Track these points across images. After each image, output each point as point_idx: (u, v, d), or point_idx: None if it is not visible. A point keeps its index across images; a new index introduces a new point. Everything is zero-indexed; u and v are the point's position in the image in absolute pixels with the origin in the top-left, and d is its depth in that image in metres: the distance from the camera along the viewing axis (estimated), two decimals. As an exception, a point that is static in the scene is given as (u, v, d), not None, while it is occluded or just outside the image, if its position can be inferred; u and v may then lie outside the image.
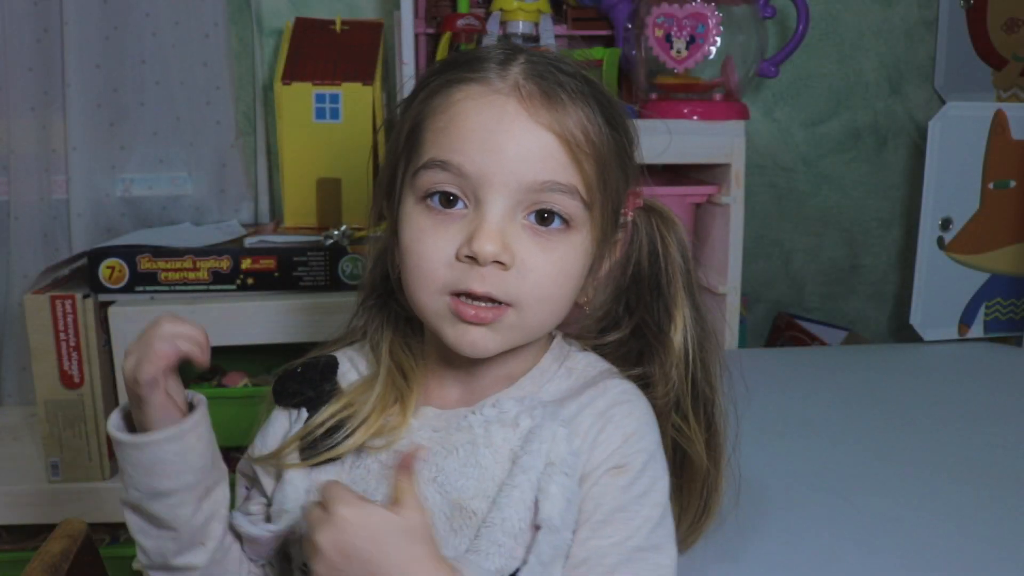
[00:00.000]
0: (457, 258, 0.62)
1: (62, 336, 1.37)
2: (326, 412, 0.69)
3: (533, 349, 0.70)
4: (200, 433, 0.70)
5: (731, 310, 1.42)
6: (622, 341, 0.73)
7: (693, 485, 0.73)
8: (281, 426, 0.73)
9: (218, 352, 1.46)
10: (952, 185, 1.45)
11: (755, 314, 1.91)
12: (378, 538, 0.56)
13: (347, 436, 0.67)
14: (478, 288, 0.61)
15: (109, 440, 1.42)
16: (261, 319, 1.36)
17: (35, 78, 1.64)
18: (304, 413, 0.71)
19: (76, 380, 1.39)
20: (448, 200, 0.63)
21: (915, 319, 1.47)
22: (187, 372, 1.52)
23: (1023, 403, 1.23)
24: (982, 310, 1.50)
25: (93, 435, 1.40)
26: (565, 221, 0.63)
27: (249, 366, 1.51)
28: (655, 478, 0.65)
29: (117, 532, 1.52)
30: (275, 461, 0.70)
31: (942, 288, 1.47)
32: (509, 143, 0.61)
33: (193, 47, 1.67)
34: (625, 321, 0.74)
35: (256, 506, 0.75)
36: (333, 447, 0.68)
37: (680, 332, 0.71)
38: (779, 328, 1.87)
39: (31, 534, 1.50)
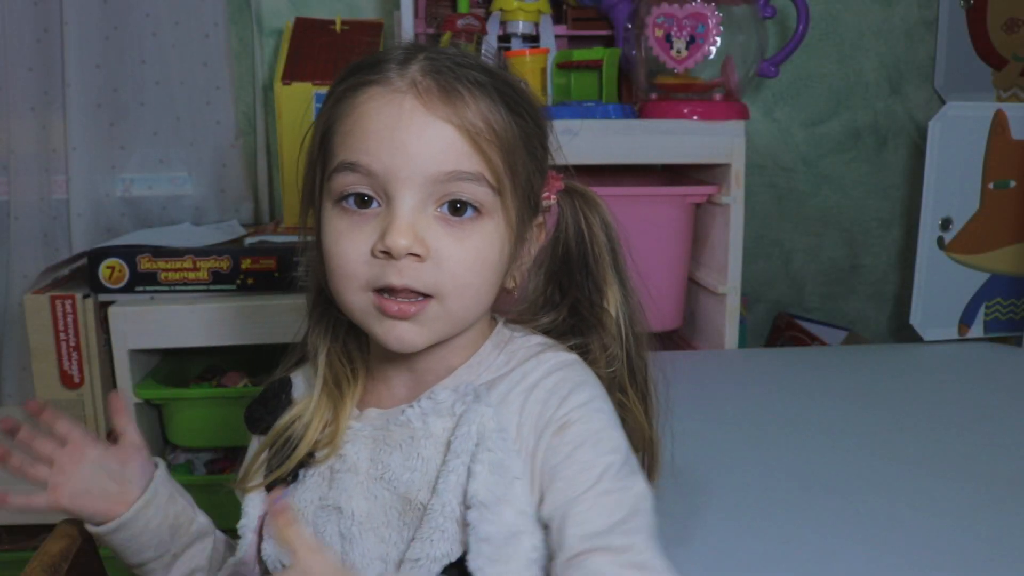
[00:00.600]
0: (373, 255, 0.64)
1: (62, 336, 1.37)
2: (276, 428, 0.72)
3: (470, 338, 0.71)
4: (149, 516, 0.75)
5: (731, 310, 1.42)
6: (559, 321, 0.75)
7: (634, 448, 0.73)
8: (253, 452, 0.76)
9: (218, 352, 1.47)
10: (952, 185, 1.45)
11: (755, 314, 1.91)
12: None
13: (291, 452, 0.70)
14: (396, 281, 0.63)
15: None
16: (261, 319, 1.36)
17: (35, 78, 1.65)
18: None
19: (76, 380, 1.39)
20: (363, 201, 0.65)
21: (915, 319, 1.47)
22: (187, 372, 1.53)
23: (1023, 403, 1.23)
24: (982, 310, 1.50)
25: (93, 435, 1.40)
26: (476, 209, 0.65)
27: (249, 366, 1.51)
28: (603, 426, 0.66)
29: (117, 532, 1.52)
30: (239, 488, 0.74)
31: (942, 288, 1.47)
32: (410, 139, 0.63)
33: (193, 47, 1.67)
34: (559, 302, 0.75)
35: None
36: (280, 465, 0.71)
37: (613, 307, 0.73)
38: (779, 328, 1.87)
39: (31, 534, 1.50)
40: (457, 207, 0.64)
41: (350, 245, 0.65)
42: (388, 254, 0.63)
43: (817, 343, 1.78)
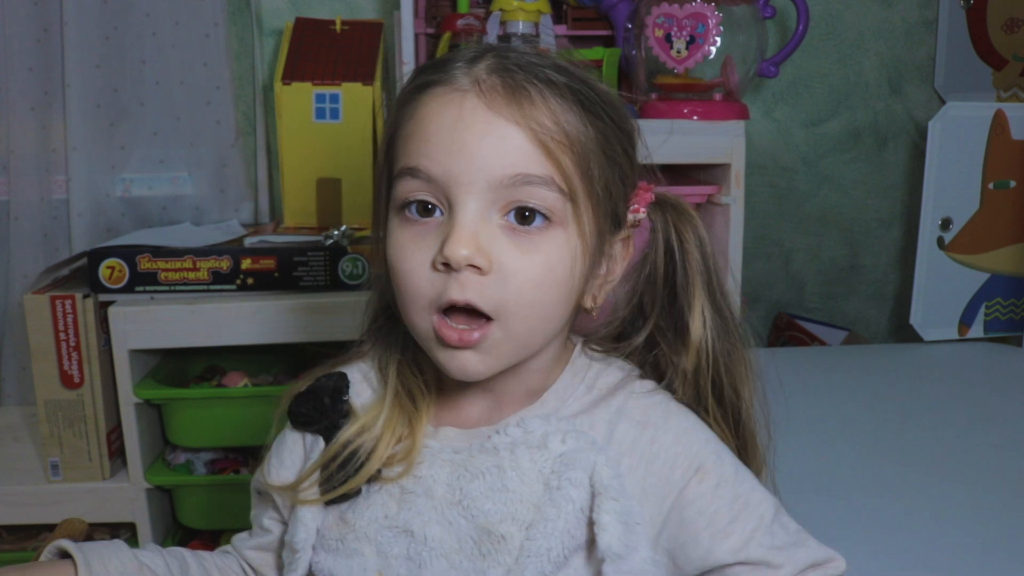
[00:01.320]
0: (434, 268, 0.60)
1: (62, 336, 1.37)
2: (340, 440, 0.67)
3: (549, 359, 0.68)
4: None
5: (731, 310, 1.42)
6: (639, 345, 0.70)
7: None
8: (297, 450, 0.71)
9: (218, 352, 1.47)
10: (952, 185, 1.45)
11: (755, 314, 1.91)
12: None
13: (358, 468, 0.65)
14: (457, 296, 0.59)
15: (109, 439, 1.43)
16: (261, 319, 1.36)
17: (35, 78, 1.64)
18: (320, 442, 0.69)
19: (76, 380, 1.38)
20: (426, 209, 0.61)
21: (915, 319, 1.47)
22: (187, 372, 1.53)
23: (1023, 403, 1.23)
24: (982, 310, 1.50)
25: (93, 435, 1.40)
26: (546, 218, 0.60)
27: (249, 366, 1.51)
28: (734, 462, 0.66)
29: (117, 532, 1.52)
30: (291, 495, 0.68)
31: (942, 288, 1.47)
32: (471, 140, 0.59)
33: (193, 47, 1.67)
34: (641, 326, 0.70)
35: (269, 521, 0.73)
36: (345, 481, 0.65)
37: (697, 331, 0.67)
38: (779, 328, 1.87)
39: (31, 534, 1.50)
40: (525, 215, 0.60)
41: (412, 259, 0.61)
42: (448, 266, 0.59)
43: (817, 343, 1.78)
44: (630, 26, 1.50)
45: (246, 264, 1.38)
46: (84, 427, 1.40)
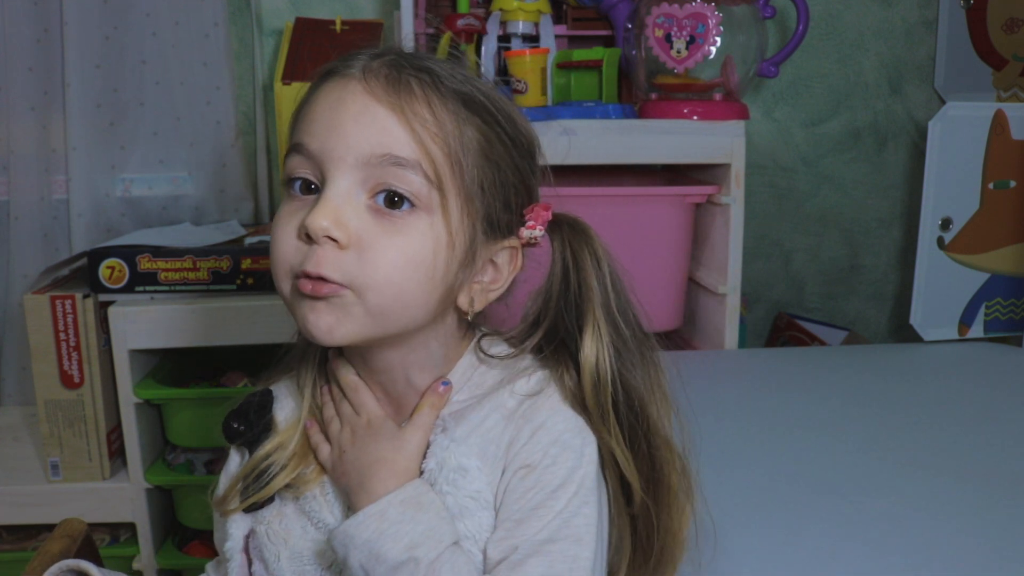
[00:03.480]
0: (298, 237, 0.63)
1: (62, 336, 1.37)
2: (259, 454, 0.71)
3: (438, 357, 0.69)
4: None
5: (731, 310, 1.42)
6: (537, 342, 0.70)
7: (636, 520, 0.70)
8: (234, 466, 0.76)
9: (218, 352, 1.47)
10: (952, 185, 1.45)
11: (755, 314, 1.91)
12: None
13: (270, 480, 0.70)
14: (311, 269, 0.61)
15: (109, 439, 1.43)
16: (261, 319, 1.36)
17: (35, 78, 1.65)
18: (247, 455, 0.73)
19: (76, 380, 1.39)
20: (309, 188, 0.64)
21: (915, 319, 1.47)
22: (187, 372, 1.53)
23: (1023, 403, 1.23)
24: (982, 310, 1.50)
25: (93, 435, 1.41)
26: (412, 204, 0.62)
27: (249, 366, 1.51)
28: (573, 467, 0.63)
29: (117, 532, 1.52)
30: (220, 508, 0.73)
31: (942, 288, 1.47)
32: (347, 119, 0.62)
33: (193, 47, 1.67)
34: (539, 324, 0.70)
35: (225, 547, 0.76)
36: (259, 491, 0.70)
37: (588, 350, 0.66)
38: (779, 328, 1.87)
39: (31, 534, 1.50)
40: (394, 200, 0.62)
41: (282, 229, 0.64)
42: (310, 238, 0.61)
43: (817, 343, 1.78)
44: (630, 26, 1.50)
45: (246, 264, 1.38)
46: (84, 427, 1.40)
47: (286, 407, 0.75)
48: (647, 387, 0.68)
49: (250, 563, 0.72)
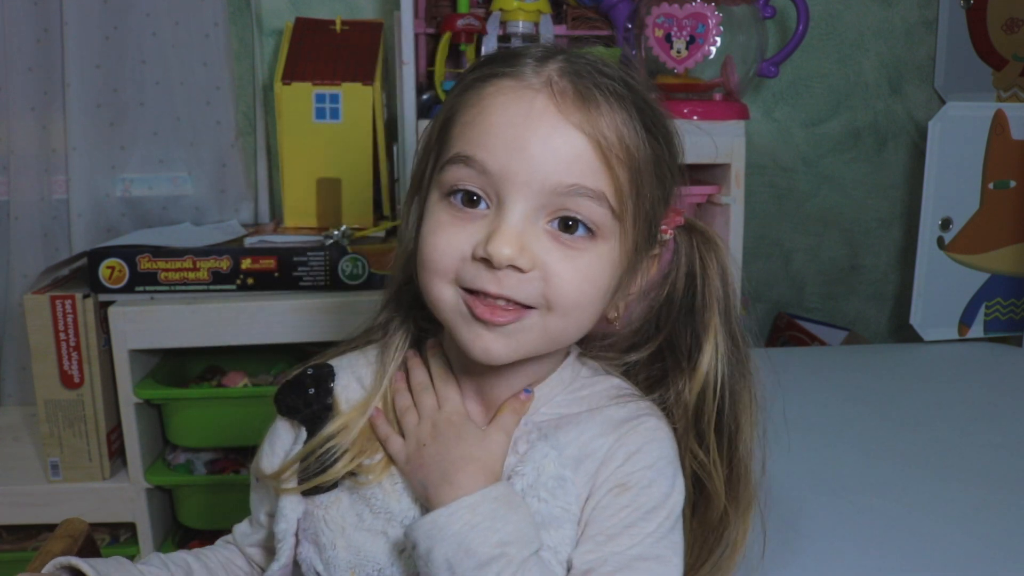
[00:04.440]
0: (473, 257, 0.59)
1: (62, 336, 1.37)
2: (322, 435, 0.68)
3: (549, 363, 0.68)
4: None
5: (731, 310, 1.42)
6: (647, 361, 0.71)
7: (709, 526, 0.70)
8: (285, 439, 0.72)
9: (218, 352, 1.47)
10: (952, 185, 1.45)
11: (755, 314, 1.91)
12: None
13: (331, 464, 0.67)
14: (494, 290, 0.59)
15: (109, 439, 1.43)
16: (261, 319, 1.36)
17: (35, 78, 1.64)
18: (303, 432, 0.70)
19: (76, 380, 1.38)
20: (471, 200, 0.60)
21: (915, 319, 1.47)
22: (187, 372, 1.53)
23: (1023, 403, 1.23)
24: (982, 310, 1.50)
25: (93, 435, 1.40)
26: (590, 230, 0.60)
27: (249, 366, 1.51)
28: (666, 493, 0.63)
29: (117, 532, 1.52)
30: (273, 483, 0.70)
31: (942, 288, 1.47)
32: (535, 141, 0.58)
33: (193, 47, 1.67)
34: (649, 339, 0.71)
35: (265, 517, 0.74)
36: (319, 474, 0.67)
37: (708, 359, 0.67)
38: (779, 328, 1.87)
39: (31, 534, 1.50)
40: (569, 224, 0.59)
41: (449, 239, 0.60)
42: (488, 261, 0.58)
43: (817, 343, 1.78)
44: (630, 26, 1.50)
45: (246, 264, 1.38)
46: (84, 427, 1.40)
47: (349, 387, 0.71)
48: (746, 397, 0.69)
49: (296, 544, 0.70)
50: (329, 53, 1.58)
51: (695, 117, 1.40)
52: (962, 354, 1.45)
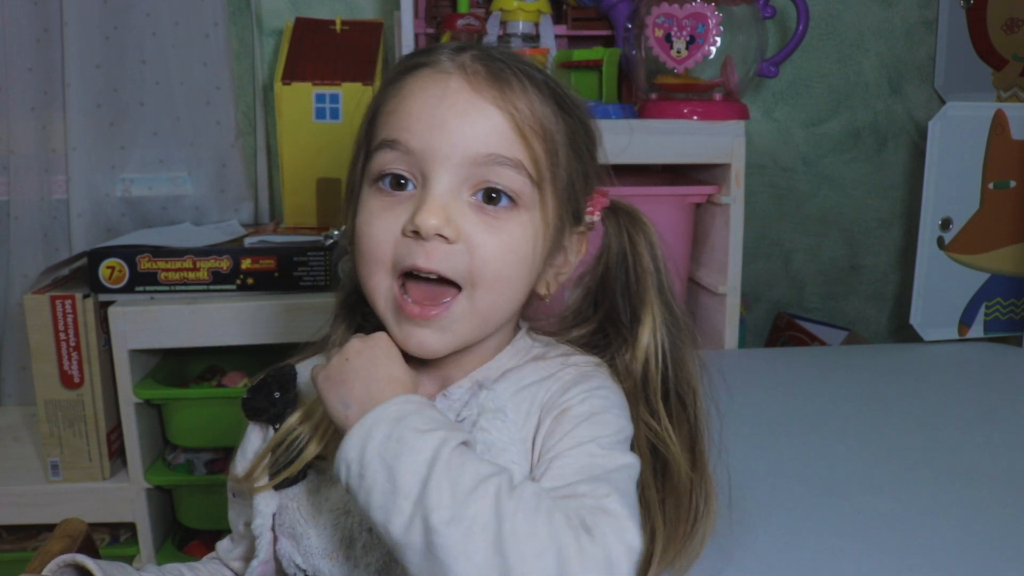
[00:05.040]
0: (403, 234, 0.62)
1: (62, 336, 1.37)
2: (285, 426, 0.70)
3: (495, 346, 0.70)
4: None
5: (731, 310, 1.42)
6: (587, 335, 0.73)
7: (679, 497, 0.71)
8: (256, 443, 0.74)
9: (218, 352, 1.47)
10: (952, 185, 1.45)
11: (755, 314, 1.91)
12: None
13: (299, 453, 0.68)
14: (423, 263, 0.61)
15: (109, 439, 1.43)
16: (261, 319, 1.36)
17: (35, 78, 1.65)
18: (271, 432, 0.72)
19: (76, 380, 1.39)
20: (399, 183, 0.63)
21: (915, 319, 1.47)
22: (187, 372, 1.53)
23: (1023, 403, 1.23)
24: (982, 310, 1.50)
25: (93, 435, 1.41)
26: (512, 200, 0.63)
27: (249, 366, 1.51)
28: (603, 407, 0.64)
29: (117, 532, 1.52)
30: (247, 485, 0.71)
31: (942, 288, 1.47)
32: (452, 117, 0.62)
33: (193, 47, 1.67)
34: (591, 316, 0.73)
35: (245, 527, 0.76)
36: (288, 465, 0.68)
37: (648, 331, 0.70)
38: (779, 328, 1.87)
39: (31, 534, 1.50)
40: (492, 196, 0.63)
41: (380, 225, 0.63)
42: (417, 234, 0.61)
43: (817, 343, 1.78)
44: (630, 26, 1.50)
45: (246, 264, 1.38)
46: (84, 427, 1.40)
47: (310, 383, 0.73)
48: (692, 363, 0.72)
49: (275, 540, 0.71)
50: (329, 53, 1.58)
51: (695, 117, 1.40)
52: (962, 354, 1.45)
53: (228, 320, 1.37)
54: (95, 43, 1.64)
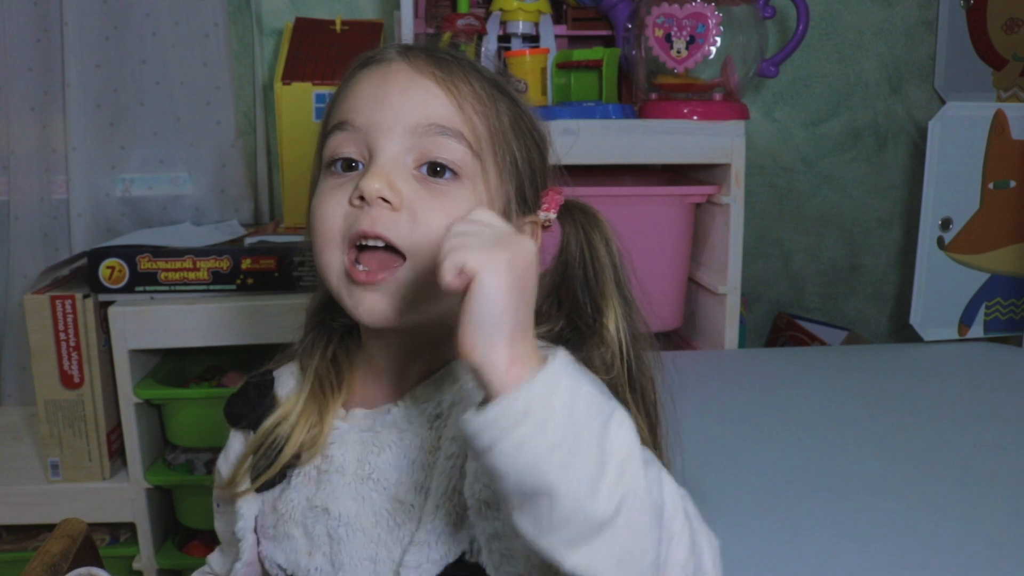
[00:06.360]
0: (350, 203, 0.64)
1: (62, 336, 1.37)
2: (263, 429, 0.71)
3: (448, 337, 0.70)
4: None
5: (731, 310, 1.42)
6: (555, 332, 0.73)
7: None
8: (237, 448, 0.76)
9: (218, 352, 1.47)
10: (952, 185, 1.45)
11: (755, 314, 1.91)
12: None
13: (278, 454, 0.69)
14: (367, 227, 0.62)
15: (109, 439, 1.43)
16: (261, 319, 1.36)
17: (35, 78, 1.65)
18: (252, 435, 0.73)
19: (76, 380, 1.39)
20: (350, 167, 0.66)
21: (915, 319, 1.47)
22: (187, 372, 1.53)
23: (1023, 403, 1.23)
24: (982, 310, 1.50)
25: (93, 435, 1.41)
26: (455, 173, 0.64)
27: (249, 366, 1.50)
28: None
29: (117, 532, 1.52)
30: (229, 491, 0.73)
31: (942, 288, 1.47)
32: (394, 92, 0.65)
33: (193, 47, 1.67)
34: (555, 314, 0.74)
35: (231, 536, 0.76)
36: (268, 467, 0.70)
37: (612, 323, 0.71)
38: (779, 328, 1.87)
39: (31, 534, 1.50)
40: (436, 169, 0.64)
41: (330, 202, 0.65)
42: (363, 200, 0.63)
43: (817, 343, 1.78)
44: (630, 26, 1.50)
45: (246, 264, 1.38)
46: (84, 427, 1.40)
47: (287, 384, 0.75)
48: (647, 352, 0.72)
49: (258, 543, 0.72)
50: (329, 53, 1.58)
51: (695, 117, 1.40)
52: (962, 354, 1.45)
53: (228, 320, 1.36)
54: (95, 43, 1.64)
